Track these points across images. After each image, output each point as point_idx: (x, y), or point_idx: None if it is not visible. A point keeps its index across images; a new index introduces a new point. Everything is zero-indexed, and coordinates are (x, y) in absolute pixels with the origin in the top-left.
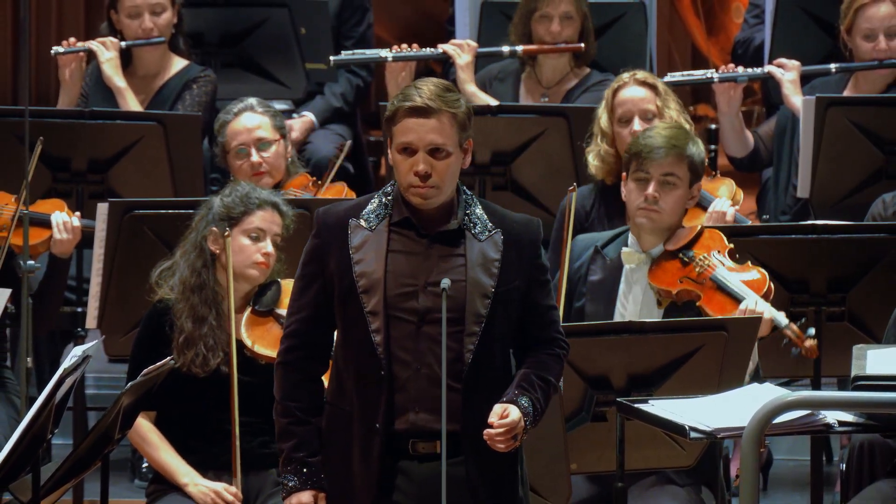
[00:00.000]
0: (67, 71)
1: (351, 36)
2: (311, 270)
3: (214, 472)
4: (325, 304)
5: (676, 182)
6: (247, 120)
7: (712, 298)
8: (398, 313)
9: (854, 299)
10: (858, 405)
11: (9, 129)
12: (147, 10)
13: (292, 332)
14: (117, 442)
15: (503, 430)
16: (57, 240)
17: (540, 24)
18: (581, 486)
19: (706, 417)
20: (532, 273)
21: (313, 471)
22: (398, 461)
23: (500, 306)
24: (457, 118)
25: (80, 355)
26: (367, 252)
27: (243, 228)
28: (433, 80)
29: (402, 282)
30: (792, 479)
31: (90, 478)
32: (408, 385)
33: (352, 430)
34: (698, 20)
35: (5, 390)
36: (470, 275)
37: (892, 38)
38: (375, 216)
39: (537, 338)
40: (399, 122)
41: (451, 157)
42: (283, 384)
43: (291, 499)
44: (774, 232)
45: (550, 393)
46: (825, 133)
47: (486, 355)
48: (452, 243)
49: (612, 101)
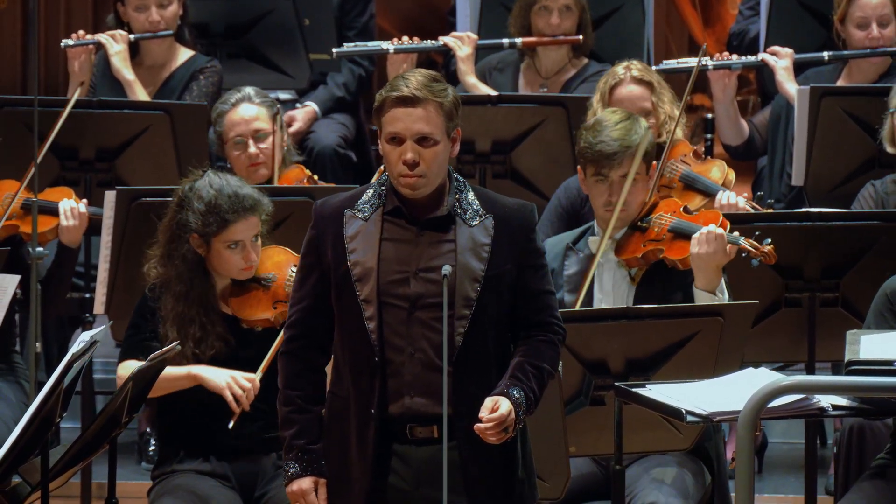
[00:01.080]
0: (77, 63)
1: (353, 27)
2: (309, 262)
3: (217, 459)
4: (323, 294)
5: (636, 177)
6: (244, 110)
7: (672, 246)
8: (390, 300)
9: (847, 285)
10: (852, 389)
11: (18, 119)
12: (154, 3)
13: (293, 322)
14: (125, 425)
15: (492, 425)
16: (64, 227)
17: (539, 16)
18: (580, 468)
19: (702, 401)
20: (524, 257)
21: (313, 458)
22: (395, 446)
23: (491, 290)
24: (443, 107)
25: (87, 340)
26: (361, 241)
27: (222, 240)
28: (421, 70)
29: (394, 269)
30: (786, 461)
31: (98, 460)
32: (402, 370)
33: (349, 416)
34: (695, 11)
35: (15, 375)
36: (460, 259)
37: (885, 26)
38: (370, 206)
39: (530, 322)
40: (387, 113)
41: (439, 145)
42: (286, 373)
43: (292, 485)
44: (769, 219)
45: (545, 380)
46: (819, 122)
47: (478, 339)
48: (442, 229)
49: (608, 98)
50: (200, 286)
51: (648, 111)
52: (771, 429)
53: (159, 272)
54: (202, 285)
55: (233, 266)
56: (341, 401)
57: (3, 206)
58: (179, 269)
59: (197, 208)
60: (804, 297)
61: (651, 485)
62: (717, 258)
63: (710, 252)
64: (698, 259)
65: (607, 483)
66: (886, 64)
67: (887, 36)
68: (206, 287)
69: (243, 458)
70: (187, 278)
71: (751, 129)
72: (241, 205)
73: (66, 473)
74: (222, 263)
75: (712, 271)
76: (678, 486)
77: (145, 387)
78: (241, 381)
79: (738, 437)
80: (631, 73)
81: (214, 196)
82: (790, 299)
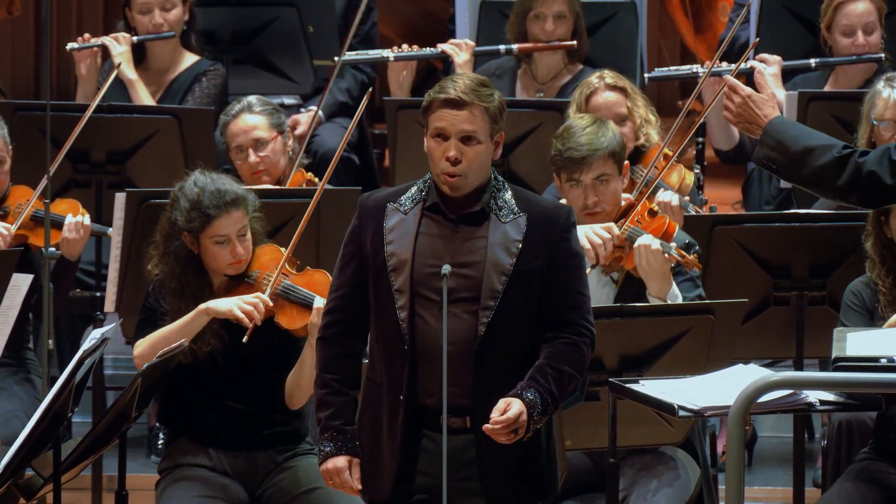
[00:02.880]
0: (83, 66)
1: (356, 33)
2: (350, 250)
3: (223, 451)
4: (361, 283)
5: (608, 178)
6: (243, 121)
7: (630, 255)
8: (424, 291)
9: (834, 284)
10: (839, 385)
11: (32, 123)
12: (157, 6)
13: (332, 308)
14: (134, 420)
15: (500, 427)
16: (66, 238)
17: (534, 23)
18: (575, 461)
19: (694, 397)
20: (556, 255)
21: (348, 438)
22: (427, 433)
23: (519, 284)
24: (488, 111)
25: (98, 338)
26: (399, 234)
27: (209, 236)
28: (470, 74)
29: (428, 262)
30: (775, 455)
31: (108, 454)
32: (435, 361)
33: (382, 402)
34: (686, 19)
35: (27, 371)
36: (489, 253)
37: (870, 33)
38: (411, 201)
39: (558, 320)
40: (434, 112)
41: (482, 145)
42: (323, 357)
43: (327, 463)
44: (759, 220)
45: (566, 382)
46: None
47: (501, 331)
48: (477, 225)
49: (584, 107)
50: (195, 283)
51: (624, 116)
52: (760, 423)
53: (158, 270)
54: (196, 282)
55: (221, 261)
56: (375, 387)
57: (15, 215)
58: (174, 266)
59: (183, 207)
60: (792, 296)
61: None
62: (654, 267)
63: (647, 262)
64: (640, 269)
65: (601, 476)
66: (872, 70)
67: (872, 43)
68: (200, 284)
69: (248, 452)
70: (181, 275)
71: (741, 134)
72: (222, 200)
73: (78, 466)
74: (212, 259)
75: (659, 278)
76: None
77: (155, 382)
78: (248, 299)
79: (729, 432)
80: (605, 80)
81: (198, 193)
82: (779, 298)
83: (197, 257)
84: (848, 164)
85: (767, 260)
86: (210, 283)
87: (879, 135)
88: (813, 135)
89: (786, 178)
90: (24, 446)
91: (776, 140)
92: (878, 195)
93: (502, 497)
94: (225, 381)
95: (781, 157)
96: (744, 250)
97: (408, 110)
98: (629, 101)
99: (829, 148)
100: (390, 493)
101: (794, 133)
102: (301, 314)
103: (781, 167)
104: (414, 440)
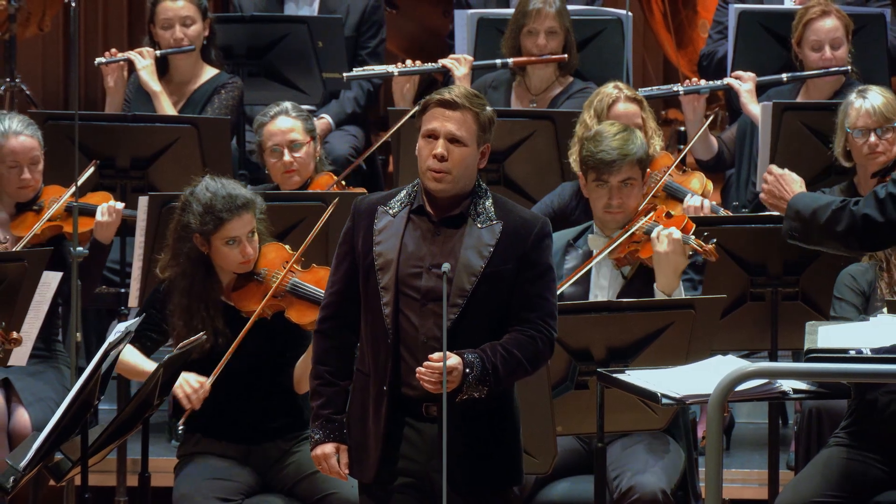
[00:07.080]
0: (111, 79)
1: (367, 46)
2: (343, 250)
3: (234, 443)
4: (353, 280)
5: (633, 182)
6: (281, 123)
7: (646, 247)
8: (407, 290)
9: (806, 281)
10: (811, 375)
11: (62, 132)
12: (178, 21)
13: (326, 304)
14: (156, 407)
15: (426, 371)
16: (99, 222)
17: (528, 38)
18: (566, 445)
19: (676, 385)
20: (526, 262)
21: (336, 426)
22: (411, 421)
23: (487, 285)
24: (479, 118)
25: (123, 331)
26: (387, 235)
27: (220, 237)
28: (467, 86)
29: (411, 263)
30: (752, 440)
31: (132, 439)
32: (416, 355)
33: (368, 391)
34: (669, 35)
35: (57, 361)
36: (462, 255)
37: (837, 48)
38: (400, 204)
39: (519, 317)
40: (428, 112)
41: (468, 149)
42: (317, 350)
43: (316, 450)
44: (737, 222)
45: (514, 366)
46: (781, 134)
47: (467, 328)
48: (456, 228)
49: (606, 114)
50: (203, 282)
51: (640, 125)
52: (737, 410)
53: (169, 271)
54: (205, 281)
55: (231, 261)
56: (363, 377)
57: (48, 207)
58: (185, 266)
59: (196, 210)
60: (767, 292)
61: (634, 465)
62: (674, 259)
63: (666, 251)
64: (657, 258)
65: (590, 459)
66: (840, 82)
67: (839, 57)
68: (209, 283)
69: (255, 445)
70: (191, 275)
71: (720, 144)
72: (234, 204)
73: (104, 450)
74: (222, 259)
75: (671, 273)
76: (660, 464)
77: (175, 373)
78: (191, 382)
79: (709, 418)
80: (624, 92)
81: (210, 198)
82: (755, 294)
83: (207, 258)
84: (844, 213)
85: (745, 258)
86: (219, 282)
87: (853, 142)
88: (822, 199)
89: (807, 244)
90: (53, 432)
91: (794, 210)
92: (874, 234)
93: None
94: (235, 376)
95: (799, 225)
96: (723, 249)
97: (410, 120)
98: (643, 113)
99: (830, 203)
100: (375, 476)
101: (807, 202)
102: (310, 309)
103: (800, 234)
104: (397, 427)
